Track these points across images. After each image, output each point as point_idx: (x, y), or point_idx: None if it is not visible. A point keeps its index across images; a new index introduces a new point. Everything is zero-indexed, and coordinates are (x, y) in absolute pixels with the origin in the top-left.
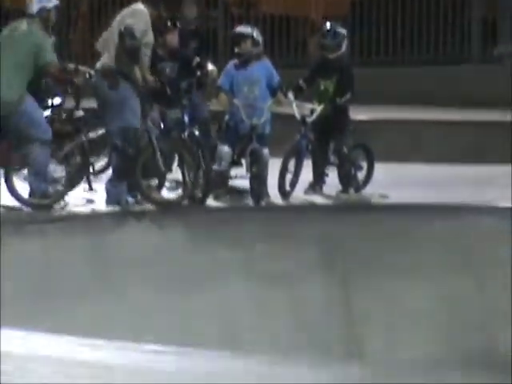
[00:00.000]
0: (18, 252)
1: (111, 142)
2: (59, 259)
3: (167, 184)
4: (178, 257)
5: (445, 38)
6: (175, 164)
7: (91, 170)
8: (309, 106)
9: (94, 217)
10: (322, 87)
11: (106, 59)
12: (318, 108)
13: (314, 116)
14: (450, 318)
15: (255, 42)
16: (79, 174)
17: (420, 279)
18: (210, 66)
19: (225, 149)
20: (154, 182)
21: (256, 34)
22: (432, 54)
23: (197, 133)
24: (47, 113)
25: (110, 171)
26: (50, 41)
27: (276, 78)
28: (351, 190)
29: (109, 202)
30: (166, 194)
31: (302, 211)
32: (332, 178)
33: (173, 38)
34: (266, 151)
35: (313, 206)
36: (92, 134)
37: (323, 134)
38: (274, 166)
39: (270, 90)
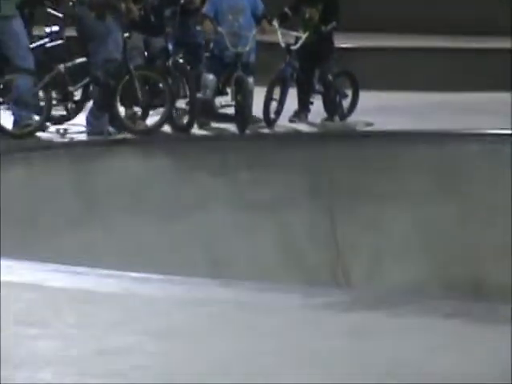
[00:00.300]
0: (3, 181)
1: (92, 73)
2: (44, 188)
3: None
4: (164, 185)
5: None
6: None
7: (71, 100)
8: (294, 33)
9: (80, 145)
10: (308, 15)
11: None
12: (303, 36)
13: (299, 44)
14: (436, 244)
15: None
16: (59, 102)
17: (406, 206)
18: None
19: (210, 77)
20: (138, 111)
21: None
22: None
23: (181, 60)
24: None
25: (90, 102)
26: None
27: (260, 6)
28: (336, 118)
29: (90, 132)
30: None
31: (287, 139)
32: (317, 105)
33: None
34: (251, 80)
35: (298, 134)
36: (71, 63)
37: (308, 61)
38: (259, 95)
39: (255, 18)
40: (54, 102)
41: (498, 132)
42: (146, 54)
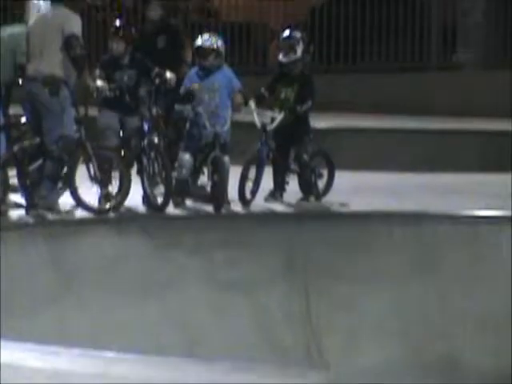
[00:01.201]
0: None
1: (47, 150)
2: (18, 267)
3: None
4: (138, 264)
5: (405, 46)
6: (134, 171)
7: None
8: (270, 113)
9: (53, 224)
10: (283, 95)
11: (44, 66)
12: (279, 116)
13: (275, 124)
14: (410, 324)
15: (218, 54)
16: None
17: (381, 287)
18: (169, 74)
19: (186, 156)
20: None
21: (219, 45)
22: (392, 62)
23: (156, 140)
24: None
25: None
26: None
27: (236, 84)
28: (312, 198)
29: (41, 207)
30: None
31: (262, 219)
32: (292, 185)
33: (117, 47)
34: (226, 159)
35: (273, 214)
36: (27, 142)
37: (284, 141)
38: (233, 174)
39: (231, 96)
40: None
41: (473, 213)
42: (120, 133)
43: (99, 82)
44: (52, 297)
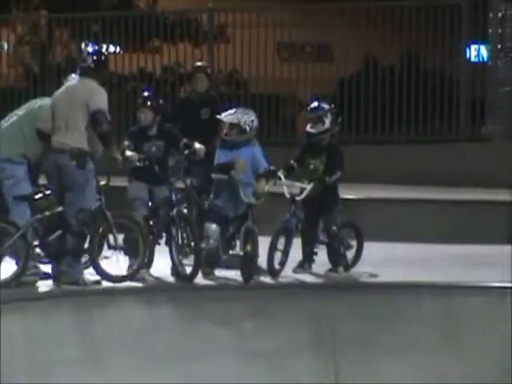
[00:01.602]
0: (2, 331)
1: (67, 222)
2: (43, 339)
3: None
4: (166, 335)
5: (433, 117)
6: (163, 241)
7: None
8: (299, 184)
9: (80, 294)
10: (312, 166)
11: (70, 139)
12: (308, 187)
13: (304, 195)
14: None
15: (242, 130)
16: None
17: (410, 358)
18: (197, 145)
19: (212, 226)
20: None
21: (244, 121)
22: (420, 133)
23: (185, 210)
24: None
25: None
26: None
27: (263, 165)
28: (340, 269)
29: (66, 282)
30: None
31: (290, 290)
32: (321, 255)
33: (145, 118)
34: (256, 230)
35: (302, 285)
36: (48, 213)
37: (313, 212)
38: (262, 245)
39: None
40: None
41: (504, 285)
42: (149, 203)
43: (128, 153)
44: (77, 369)
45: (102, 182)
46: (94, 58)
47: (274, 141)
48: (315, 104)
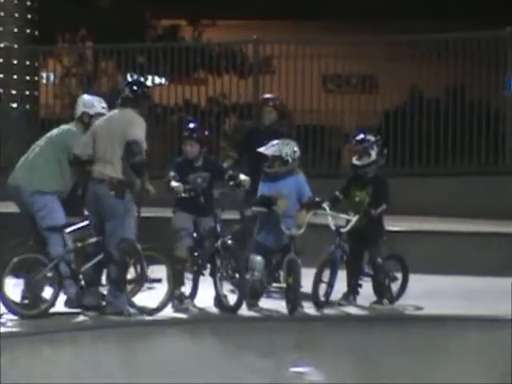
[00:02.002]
0: (50, 361)
1: (107, 252)
2: (89, 367)
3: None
4: (209, 366)
5: (479, 149)
6: (207, 272)
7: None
8: (344, 216)
9: (125, 325)
10: (358, 199)
11: (110, 170)
12: (353, 219)
13: (349, 227)
14: None
15: (284, 162)
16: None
17: None
18: (242, 176)
19: (257, 258)
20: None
21: (285, 152)
22: (466, 166)
23: (230, 241)
24: None
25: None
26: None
27: (307, 195)
28: (385, 301)
29: (111, 312)
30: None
31: (335, 322)
32: (366, 288)
33: (191, 150)
34: (299, 261)
35: (346, 317)
36: (81, 243)
37: (358, 244)
38: (307, 277)
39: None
40: None
41: None
42: (194, 234)
43: (174, 184)
44: None
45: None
46: (134, 87)
47: (319, 172)
48: (361, 136)
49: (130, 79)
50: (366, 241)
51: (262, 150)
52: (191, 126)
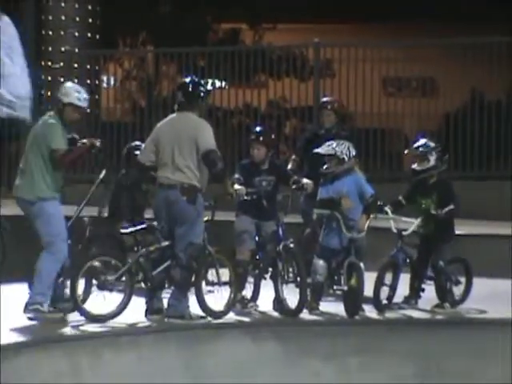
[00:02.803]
0: (113, 364)
1: (176, 255)
2: (152, 372)
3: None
4: (271, 370)
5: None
6: (268, 275)
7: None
8: (405, 219)
9: (186, 328)
10: (424, 206)
11: (179, 175)
12: (415, 222)
13: (411, 230)
14: None
15: (340, 161)
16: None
17: None
18: (305, 180)
19: (320, 262)
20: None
21: (340, 151)
22: None
23: (292, 245)
24: None
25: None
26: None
27: (368, 190)
28: (447, 305)
29: (171, 315)
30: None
31: (396, 325)
32: (429, 292)
33: (258, 153)
34: (362, 265)
35: (407, 320)
36: (153, 248)
37: (425, 248)
38: (368, 280)
39: (363, 203)
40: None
41: None
42: (256, 237)
43: (237, 187)
44: None
45: (205, 218)
46: (185, 90)
47: (380, 176)
48: (420, 142)
49: (180, 81)
50: (432, 245)
51: (317, 150)
52: (258, 129)
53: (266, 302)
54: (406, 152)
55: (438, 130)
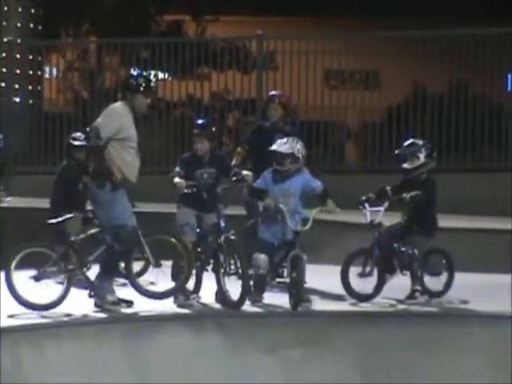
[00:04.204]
0: (54, 356)
1: (103, 239)
2: (93, 364)
3: None
4: (212, 362)
5: (481, 145)
6: (210, 268)
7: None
8: (376, 209)
9: (129, 320)
10: (408, 200)
11: (92, 162)
12: (382, 208)
13: (379, 216)
14: None
15: (295, 159)
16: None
17: None
18: (245, 172)
19: (261, 256)
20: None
21: (297, 149)
22: (469, 161)
23: (233, 237)
24: None
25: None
26: None
27: (317, 186)
28: (417, 294)
29: (94, 296)
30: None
31: (338, 318)
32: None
33: (202, 147)
34: (305, 257)
35: (349, 313)
36: (83, 235)
37: (392, 240)
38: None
39: (313, 198)
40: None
41: None
42: (197, 230)
43: (176, 180)
44: None
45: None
46: (124, 80)
47: (322, 168)
48: (409, 141)
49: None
50: (405, 234)
51: (274, 147)
52: (200, 122)
53: (208, 294)
54: (396, 152)
55: (381, 123)
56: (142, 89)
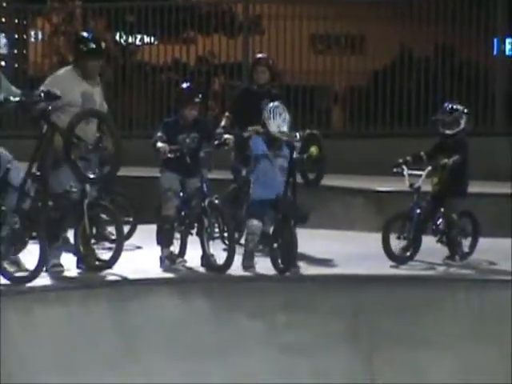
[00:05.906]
0: (40, 320)
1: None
2: (80, 329)
3: None
4: (200, 326)
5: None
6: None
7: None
8: (416, 172)
9: (115, 284)
10: (442, 164)
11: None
12: (424, 172)
13: (420, 181)
14: None
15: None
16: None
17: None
18: (226, 135)
19: (254, 223)
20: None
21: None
22: None
23: (217, 201)
24: None
25: None
26: None
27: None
28: (457, 257)
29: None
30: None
31: (327, 282)
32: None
33: (190, 112)
34: (292, 222)
35: (338, 277)
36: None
37: (434, 201)
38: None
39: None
40: None
41: None
42: (181, 194)
43: (159, 144)
44: (113, 359)
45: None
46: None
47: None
48: (451, 107)
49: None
50: (443, 197)
51: (280, 128)
52: (187, 89)
53: (194, 258)
54: (433, 118)
55: (367, 87)
56: (91, 52)
